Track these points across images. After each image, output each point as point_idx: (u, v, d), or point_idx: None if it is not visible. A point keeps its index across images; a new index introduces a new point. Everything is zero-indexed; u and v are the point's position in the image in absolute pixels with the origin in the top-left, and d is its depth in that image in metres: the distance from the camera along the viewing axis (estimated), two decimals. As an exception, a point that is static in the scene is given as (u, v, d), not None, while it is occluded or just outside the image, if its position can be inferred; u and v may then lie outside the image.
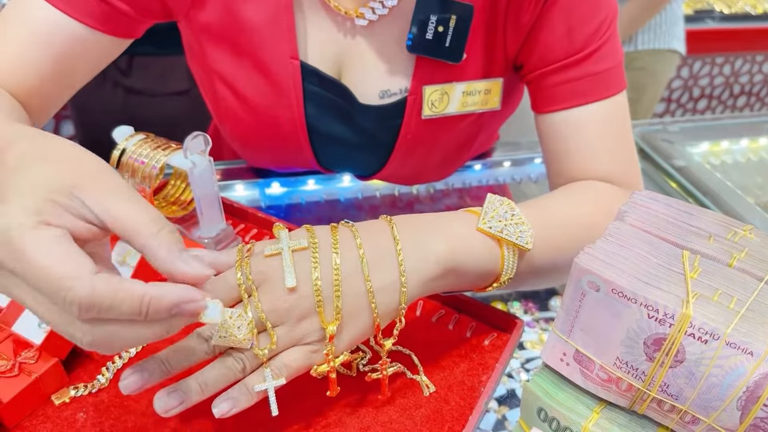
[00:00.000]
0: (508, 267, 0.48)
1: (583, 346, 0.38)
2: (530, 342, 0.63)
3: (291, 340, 0.42)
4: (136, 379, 0.39)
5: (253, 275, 0.42)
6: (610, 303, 0.35)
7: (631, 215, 0.40)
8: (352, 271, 0.43)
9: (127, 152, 0.57)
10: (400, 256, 0.43)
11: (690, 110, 2.48)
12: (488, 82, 0.64)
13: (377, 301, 0.43)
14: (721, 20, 2.23)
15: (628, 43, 1.61)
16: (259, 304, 0.41)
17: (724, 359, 0.32)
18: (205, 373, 0.41)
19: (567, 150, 0.62)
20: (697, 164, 0.94)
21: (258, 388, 0.41)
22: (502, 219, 0.48)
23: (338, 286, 0.42)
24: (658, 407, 0.36)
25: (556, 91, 0.61)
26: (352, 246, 0.43)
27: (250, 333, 0.40)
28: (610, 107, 0.61)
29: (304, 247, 0.43)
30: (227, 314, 0.40)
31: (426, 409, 0.47)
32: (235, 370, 0.41)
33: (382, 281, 0.43)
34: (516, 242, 0.47)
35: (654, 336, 0.34)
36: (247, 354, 0.41)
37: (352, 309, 0.43)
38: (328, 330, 0.42)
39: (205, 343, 0.41)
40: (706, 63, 2.34)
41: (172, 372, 0.40)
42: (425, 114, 0.64)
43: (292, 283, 0.41)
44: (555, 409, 0.39)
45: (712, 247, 0.38)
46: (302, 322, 0.42)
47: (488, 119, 0.70)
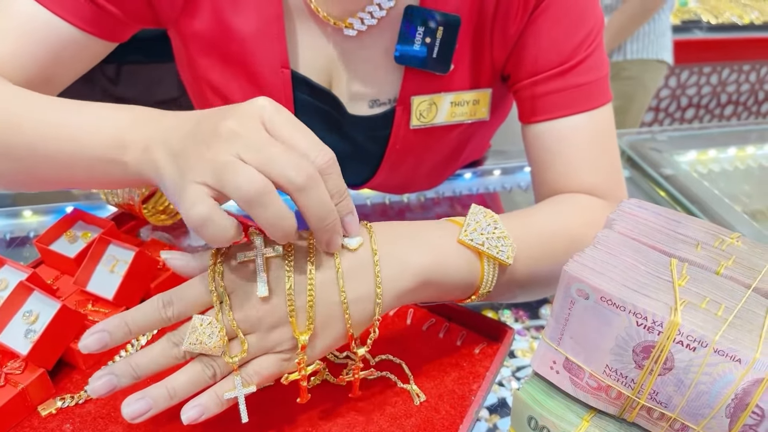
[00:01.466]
0: (488, 280, 0.47)
1: (573, 354, 0.38)
2: (521, 350, 0.63)
3: (262, 349, 0.41)
4: (105, 382, 0.39)
5: (226, 282, 0.41)
6: (599, 311, 0.35)
7: (620, 223, 0.40)
8: (326, 281, 0.42)
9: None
10: (377, 267, 0.43)
11: (678, 119, 2.51)
12: (476, 93, 0.65)
13: (351, 311, 0.42)
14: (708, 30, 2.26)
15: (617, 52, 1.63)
16: (231, 312, 0.41)
17: (712, 366, 0.32)
18: (174, 379, 0.40)
19: (552, 161, 0.62)
20: (685, 173, 0.95)
21: (228, 396, 0.40)
22: (484, 232, 0.47)
23: (312, 296, 0.41)
24: (648, 415, 0.36)
25: (541, 101, 0.61)
26: (329, 255, 0.43)
27: (220, 340, 0.40)
28: (595, 119, 0.61)
29: (279, 254, 0.42)
30: (198, 321, 0.40)
31: (416, 418, 0.47)
32: (205, 377, 0.41)
33: (356, 292, 0.42)
34: (497, 256, 0.46)
35: (643, 344, 0.34)
36: (218, 360, 0.41)
37: (325, 319, 0.42)
38: (300, 340, 0.41)
39: (175, 347, 0.40)
40: (693, 73, 2.37)
41: (141, 376, 0.40)
42: (413, 124, 0.64)
43: (264, 292, 0.40)
44: (545, 418, 0.39)
45: (699, 254, 0.38)
46: (274, 331, 0.41)
47: (477, 129, 0.71)
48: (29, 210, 0.74)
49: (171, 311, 0.41)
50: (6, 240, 0.71)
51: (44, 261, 0.55)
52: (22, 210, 0.74)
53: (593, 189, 0.60)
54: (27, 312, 0.48)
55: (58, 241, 0.55)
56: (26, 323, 0.47)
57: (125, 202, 0.57)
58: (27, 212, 0.74)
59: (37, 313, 0.47)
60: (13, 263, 0.51)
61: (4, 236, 0.71)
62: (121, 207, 0.59)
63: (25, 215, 0.74)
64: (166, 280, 0.54)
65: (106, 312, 0.50)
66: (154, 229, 0.61)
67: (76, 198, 0.76)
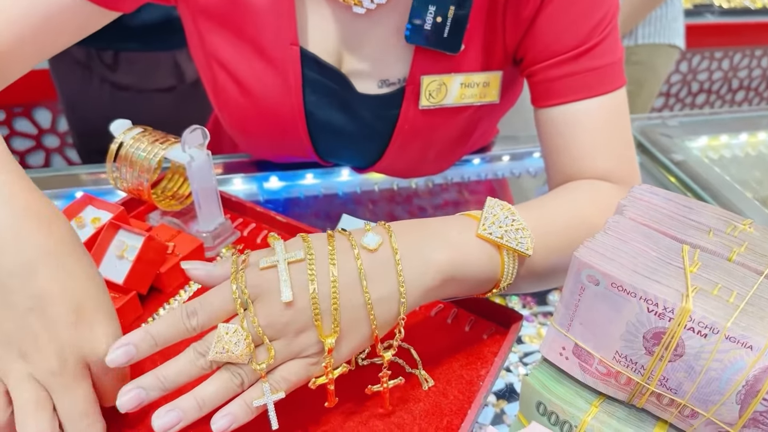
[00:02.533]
0: (508, 273, 0.47)
1: (583, 340, 0.38)
2: (528, 336, 0.63)
3: (289, 354, 0.41)
4: (134, 396, 0.39)
5: (249, 288, 0.41)
6: (609, 297, 0.35)
7: (631, 209, 0.40)
8: (350, 282, 0.42)
9: (125, 145, 0.56)
10: (399, 266, 0.42)
11: (689, 105, 2.48)
12: (487, 75, 0.64)
13: (376, 312, 0.42)
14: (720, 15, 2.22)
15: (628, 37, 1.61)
16: (256, 319, 0.40)
17: (723, 353, 0.32)
18: (203, 390, 0.40)
19: (565, 145, 0.61)
20: (696, 158, 0.94)
21: (257, 403, 0.40)
22: (503, 225, 0.47)
23: (336, 299, 0.41)
24: (657, 401, 0.36)
25: (554, 85, 0.61)
26: (350, 257, 0.42)
27: (247, 348, 0.40)
28: (609, 103, 0.60)
29: (301, 259, 0.41)
30: (223, 329, 0.40)
31: (425, 403, 0.47)
32: (233, 385, 0.40)
33: (380, 292, 0.42)
34: (516, 248, 0.46)
35: (653, 330, 0.34)
36: (245, 368, 0.40)
37: (350, 321, 0.42)
38: (326, 343, 0.41)
39: (201, 358, 0.40)
40: (705, 58, 2.34)
41: (169, 388, 0.40)
42: (422, 104, 0.64)
43: (288, 297, 0.40)
44: (554, 403, 0.39)
45: (711, 241, 0.37)
46: (300, 336, 0.41)
47: (486, 112, 0.70)
48: (39, 195, 0.75)
49: (195, 321, 0.41)
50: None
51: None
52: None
53: (607, 174, 0.60)
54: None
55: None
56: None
57: (134, 187, 0.57)
58: (37, 197, 0.74)
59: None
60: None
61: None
62: (130, 192, 0.59)
63: (34, 200, 0.74)
64: (175, 265, 0.54)
65: (116, 296, 0.50)
66: (163, 215, 0.61)
67: (85, 183, 0.77)
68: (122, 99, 1.05)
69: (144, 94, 1.04)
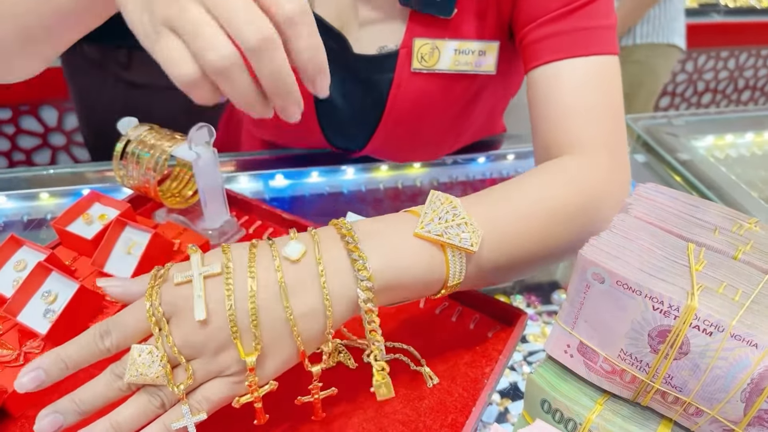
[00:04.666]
0: (455, 272, 0.43)
1: (587, 338, 0.38)
2: (533, 335, 0.64)
3: (209, 373, 0.39)
4: (50, 421, 0.38)
5: (163, 306, 0.38)
6: (614, 295, 0.35)
7: (636, 207, 0.40)
8: (270, 297, 0.39)
9: (131, 143, 0.57)
10: (322, 278, 0.39)
11: (694, 104, 2.48)
12: (482, 44, 0.64)
13: (299, 328, 0.39)
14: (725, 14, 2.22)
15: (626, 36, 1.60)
16: (171, 338, 0.38)
17: (728, 351, 0.32)
18: (119, 413, 0.38)
19: (546, 106, 0.57)
20: (702, 158, 0.94)
21: (176, 426, 0.38)
22: (442, 220, 0.43)
23: (255, 315, 0.38)
24: (662, 399, 0.36)
25: (540, 45, 0.58)
26: (270, 268, 0.39)
27: (162, 369, 0.38)
28: (596, 65, 0.57)
29: (217, 272, 0.39)
30: (136, 351, 0.38)
31: (429, 400, 0.47)
32: (152, 407, 0.38)
33: (303, 307, 0.39)
34: (459, 245, 0.42)
35: (659, 328, 0.34)
36: (165, 389, 0.38)
37: (272, 338, 0.39)
38: (248, 362, 0.38)
39: (119, 380, 0.38)
40: (710, 57, 2.33)
41: (87, 412, 0.38)
42: (414, 67, 0.64)
43: (201, 316, 0.37)
44: (558, 401, 0.39)
45: (717, 239, 0.38)
46: (220, 355, 0.39)
47: (484, 88, 0.69)
48: (46, 192, 0.75)
49: (109, 342, 0.39)
50: (23, 222, 0.72)
51: (62, 242, 0.56)
52: (39, 192, 0.75)
53: (589, 140, 0.55)
54: (46, 292, 0.48)
55: (75, 223, 0.56)
56: (45, 303, 0.48)
57: (141, 184, 0.58)
58: (44, 195, 0.75)
59: (55, 293, 0.48)
60: (32, 244, 0.52)
61: (22, 218, 0.72)
62: (136, 189, 0.60)
63: (41, 197, 0.75)
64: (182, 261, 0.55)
65: None
66: (170, 212, 0.62)
67: (92, 181, 0.77)
68: (135, 97, 1.06)
69: (157, 92, 1.04)
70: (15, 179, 0.77)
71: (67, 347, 0.39)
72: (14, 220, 0.72)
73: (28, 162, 1.79)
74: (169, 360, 0.38)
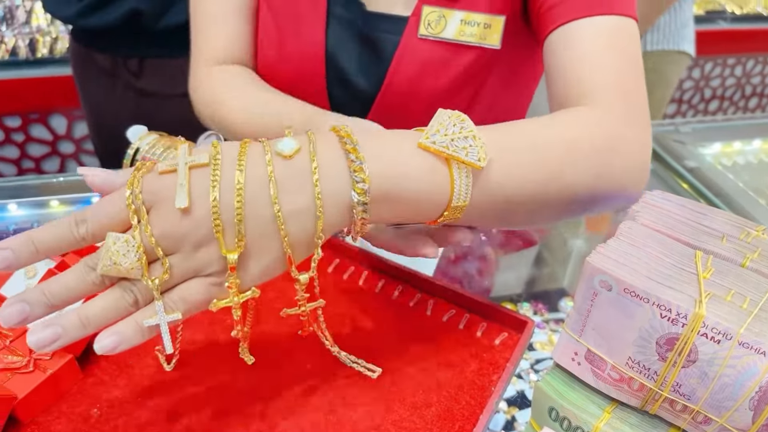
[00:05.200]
0: (460, 191, 0.40)
1: (595, 346, 0.38)
2: (540, 343, 0.63)
3: (187, 271, 0.37)
4: (17, 310, 0.35)
5: (144, 195, 0.36)
6: (622, 302, 0.35)
7: (644, 215, 0.40)
8: (257, 191, 0.36)
9: (140, 151, 0.57)
10: (315, 176, 0.37)
11: (701, 111, 2.47)
12: (488, 17, 0.64)
13: (288, 227, 0.37)
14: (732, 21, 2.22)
15: None
16: (149, 228, 0.36)
17: (736, 359, 0.32)
18: (89, 306, 0.36)
19: (561, 62, 0.55)
20: (709, 165, 0.93)
21: (148, 323, 0.36)
22: (449, 132, 0.40)
23: (240, 209, 0.36)
24: (670, 407, 0.36)
25: (555, 11, 0.57)
26: (260, 162, 0.37)
27: (138, 261, 0.35)
28: (615, 25, 0.55)
29: (204, 163, 0.37)
30: (111, 239, 0.35)
31: (437, 408, 0.47)
32: (124, 303, 0.36)
33: (292, 205, 0.37)
34: (465, 159, 0.40)
35: (666, 336, 0.34)
36: (139, 285, 0.36)
37: (257, 235, 0.37)
38: (229, 259, 0.36)
39: (92, 272, 0.36)
40: (717, 64, 2.33)
41: (56, 305, 0.36)
42: (421, 33, 0.65)
43: (183, 203, 0.35)
44: (566, 409, 0.39)
45: (725, 247, 0.37)
46: (200, 251, 0.37)
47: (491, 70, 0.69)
48: (56, 200, 0.76)
49: (84, 229, 0.37)
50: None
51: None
52: (49, 200, 0.76)
53: (601, 88, 0.52)
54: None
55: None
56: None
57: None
58: (54, 202, 0.76)
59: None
60: None
61: (32, 225, 0.73)
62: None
63: (51, 205, 0.75)
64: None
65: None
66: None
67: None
68: (145, 105, 1.07)
69: (168, 100, 1.05)
70: (25, 187, 0.78)
71: (40, 230, 0.37)
72: (24, 227, 0.72)
73: (37, 170, 1.81)
74: (146, 252, 0.36)
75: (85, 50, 1.08)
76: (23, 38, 1.68)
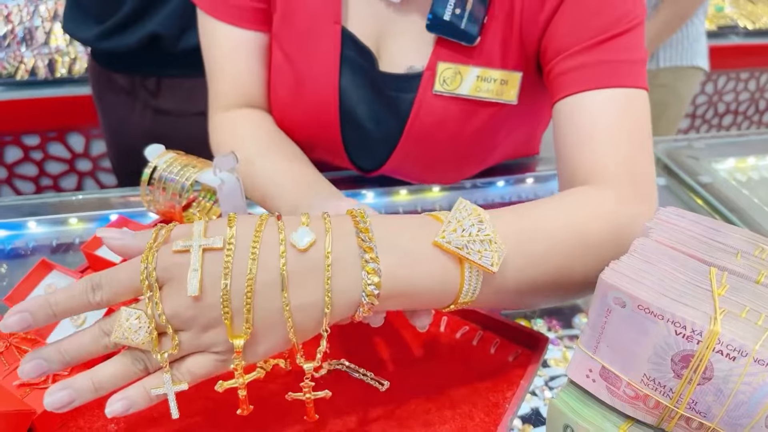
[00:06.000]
0: (468, 289, 0.41)
1: (610, 363, 0.38)
2: (554, 360, 0.63)
3: (196, 347, 0.38)
4: (34, 365, 0.38)
5: (158, 271, 0.37)
6: (636, 319, 0.35)
7: (657, 231, 0.40)
8: (268, 283, 0.37)
9: (158, 169, 0.58)
10: (328, 273, 0.38)
11: (715, 126, 2.46)
12: (505, 73, 0.65)
13: (294, 319, 0.38)
14: (745, 36, 2.21)
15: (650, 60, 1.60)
16: (161, 306, 0.37)
17: (752, 376, 0.32)
18: (100, 371, 0.38)
19: (570, 136, 0.57)
20: (723, 180, 0.93)
21: (156, 393, 0.38)
22: (466, 233, 0.40)
23: (249, 299, 0.37)
24: (686, 425, 0.36)
25: (567, 77, 0.58)
26: (274, 254, 0.38)
27: (148, 336, 0.37)
28: (623, 99, 0.56)
29: (219, 247, 0.37)
30: (125, 315, 0.37)
31: (451, 425, 0.47)
32: (135, 369, 0.38)
33: (302, 299, 0.38)
34: (479, 262, 0.40)
35: (682, 353, 0.34)
36: (149, 355, 0.38)
37: (264, 324, 0.38)
38: (235, 344, 0.37)
39: (105, 337, 0.38)
40: (731, 78, 2.32)
41: (70, 363, 0.38)
42: (436, 89, 0.66)
43: (194, 291, 0.36)
44: (581, 426, 0.39)
45: (739, 263, 0.37)
46: (208, 332, 0.38)
47: (509, 120, 0.70)
48: (75, 217, 0.77)
49: (99, 296, 0.38)
50: (53, 246, 0.73)
51: (91, 266, 0.57)
52: (68, 218, 0.77)
53: (614, 174, 0.53)
54: (75, 315, 0.49)
55: (104, 248, 0.57)
56: (74, 325, 0.49)
57: (167, 209, 0.59)
58: (72, 220, 0.77)
59: (84, 316, 0.49)
60: (62, 268, 0.53)
61: (51, 243, 0.74)
62: (162, 214, 0.61)
63: (70, 222, 0.77)
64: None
65: None
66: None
67: (119, 206, 0.79)
68: (162, 123, 1.08)
69: (184, 119, 1.06)
70: (44, 204, 0.79)
71: (57, 294, 0.39)
72: (43, 245, 0.74)
73: (55, 187, 1.83)
74: (156, 327, 0.37)
75: (105, 70, 1.10)
76: (42, 58, 1.72)
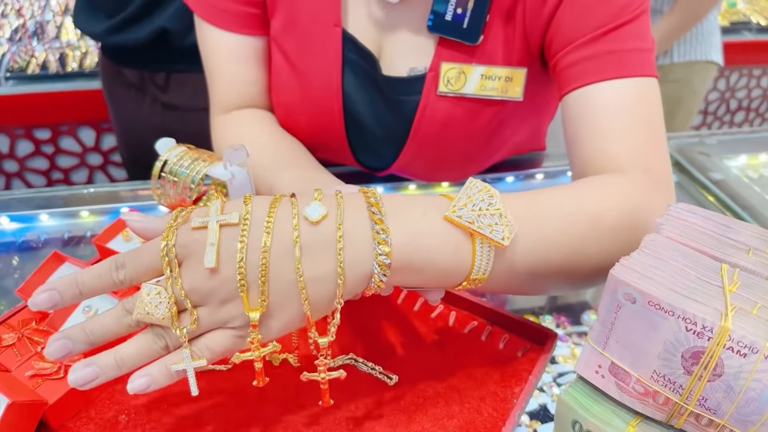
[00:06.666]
0: (480, 265, 0.41)
1: (619, 359, 0.38)
2: (563, 356, 0.63)
3: (214, 323, 0.39)
4: (59, 346, 0.39)
5: (177, 248, 0.39)
6: (646, 315, 0.35)
7: (668, 228, 0.40)
8: (282, 255, 0.38)
9: (168, 163, 0.58)
10: (339, 244, 0.38)
11: (727, 123, 2.44)
12: (509, 70, 0.64)
13: (308, 291, 0.39)
14: (758, 32, 2.19)
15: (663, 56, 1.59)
16: (180, 281, 0.38)
17: (762, 373, 0.32)
18: (124, 348, 0.39)
19: (579, 129, 0.56)
20: (735, 177, 0.92)
21: (176, 368, 0.39)
22: (476, 208, 0.41)
23: (264, 271, 0.38)
24: (696, 421, 0.36)
25: (574, 69, 0.58)
26: (288, 226, 0.39)
27: (168, 311, 0.38)
28: (632, 88, 0.55)
29: (234, 222, 0.38)
30: (145, 291, 0.38)
31: (458, 419, 0.47)
32: (156, 347, 0.39)
33: (315, 270, 0.39)
34: (490, 236, 0.40)
35: (692, 349, 0.34)
36: (170, 332, 0.39)
37: (279, 297, 0.39)
38: (251, 317, 0.38)
39: (128, 315, 0.39)
40: (743, 75, 2.30)
41: (95, 342, 0.40)
42: (440, 90, 0.65)
43: (211, 264, 0.37)
44: (590, 422, 0.39)
45: (751, 260, 0.37)
46: (225, 306, 0.39)
47: (515, 116, 0.70)
48: (86, 211, 0.78)
49: (123, 274, 0.40)
50: (64, 239, 0.74)
51: (102, 258, 0.58)
52: (79, 211, 0.77)
53: (627, 163, 0.52)
54: (87, 307, 0.50)
55: (115, 240, 0.58)
56: (86, 317, 0.49)
57: (177, 203, 0.59)
58: (84, 213, 0.77)
59: (96, 308, 0.50)
60: (74, 260, 0.53)
61: (63, 235, 0.74)
62: (173, 208, 0.61)
63: (82, 215, 0.77)
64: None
65: None
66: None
67: (130, 199, 0.79)
68: (172, 118, 1.09)
69: (193, 113, 1.07)
70: (55, 197, 0.80)
71: (83, 273, 0.40)
72: (55, 237, 0.74)
73: (66, 180, 1.85)
74: (176, 303, 0.38)
75: (114, 65, 1.10)
76: (53, 53, 1.73)
